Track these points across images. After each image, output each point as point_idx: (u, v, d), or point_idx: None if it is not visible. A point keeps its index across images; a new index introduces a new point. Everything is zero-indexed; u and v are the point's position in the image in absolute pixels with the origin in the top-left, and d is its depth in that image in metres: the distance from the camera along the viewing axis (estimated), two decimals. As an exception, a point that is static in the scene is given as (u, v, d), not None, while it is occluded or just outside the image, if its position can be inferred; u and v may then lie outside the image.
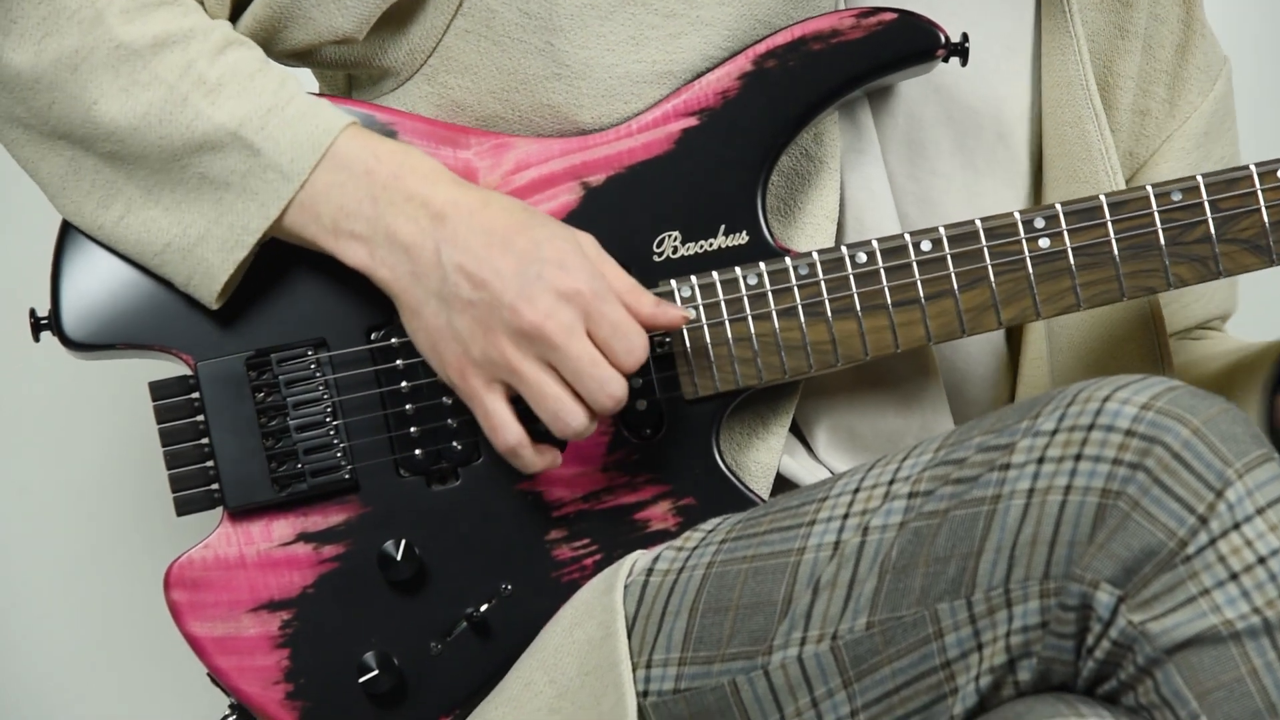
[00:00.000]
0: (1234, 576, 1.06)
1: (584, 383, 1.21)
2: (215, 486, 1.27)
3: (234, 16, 1.31)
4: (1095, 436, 1.10)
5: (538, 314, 1.20)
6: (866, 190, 1.36)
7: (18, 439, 1.79)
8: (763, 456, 1.32)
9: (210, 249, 1.25)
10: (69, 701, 1.80)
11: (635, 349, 1.22)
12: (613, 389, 1.21)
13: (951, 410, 1.38)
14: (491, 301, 1.20)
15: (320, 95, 1.30)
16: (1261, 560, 1.06)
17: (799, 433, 1.36)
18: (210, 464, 1.27)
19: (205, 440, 1.27)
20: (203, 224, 1.25)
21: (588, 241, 1.24)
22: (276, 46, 1.32)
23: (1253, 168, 1.32)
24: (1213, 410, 1.09)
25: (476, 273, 1.21)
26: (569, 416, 1.22)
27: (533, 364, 1.21)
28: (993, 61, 1.37)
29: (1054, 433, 1.11)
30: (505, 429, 1.23)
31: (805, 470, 1.34)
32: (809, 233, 1.34)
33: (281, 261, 1.28)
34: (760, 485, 1.32)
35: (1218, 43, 1.45)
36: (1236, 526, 1.06)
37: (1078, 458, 1.10)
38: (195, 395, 1.28)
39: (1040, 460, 1.11)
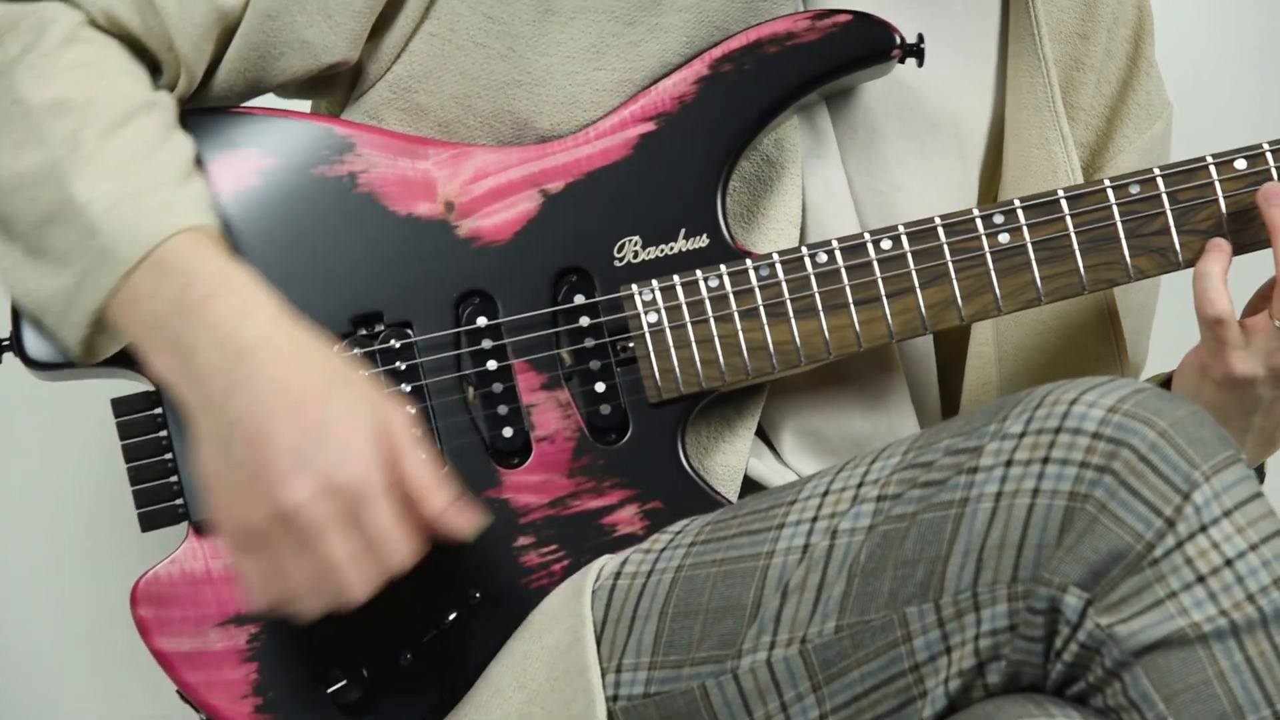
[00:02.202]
0: (1201, 579, 1.07)
1: (325, 582, 1.15)
2: (180, 501, 1.27)
3: (218, 56, 1.29)
4: (1062, 439, 1.10)
5: (296, 499, 1.13)
6: (827, 193, 1.36)
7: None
8: (729, 459, 1.32)
9: (66, 320, 1.22)
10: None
11: (393, 560, 1.15)
12: (352, 594, 1.15)
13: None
14: (259, 471, 1.14)
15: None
16: (1229, 563, 1.07)
17: (764, 436, 1.36)
18: (174, 479, 1.27)
19: (169, 455, 1.27)
20: (59, 296, 1.22)
21: (398, 422, 1.17)
22: (272, 81, 1.30)
23: (1209, 159, 1.32)
24: (1180, 413, 1.09)
25: (255, 434, 1.14)
26: (301, 605, 1.17)
27: (287, 544, 1.15)
28: (954, 75, 1.37)
29: (1021, 435, 1.11)
30: (255, 591, 1.18)
31: (773, 472, 1.35)
32: (771, 236, 1.34)
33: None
34: (727, 488, 1.32)
35: (1164, 87, 1.45)
36: (1204, 529, 1.07)
37: (1045, 461, 1.10)
38: (158, 411, 1.27)
39: (1008, 463, 1.11)
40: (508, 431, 1.29)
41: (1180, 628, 1.07)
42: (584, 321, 1.30)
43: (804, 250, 1.31)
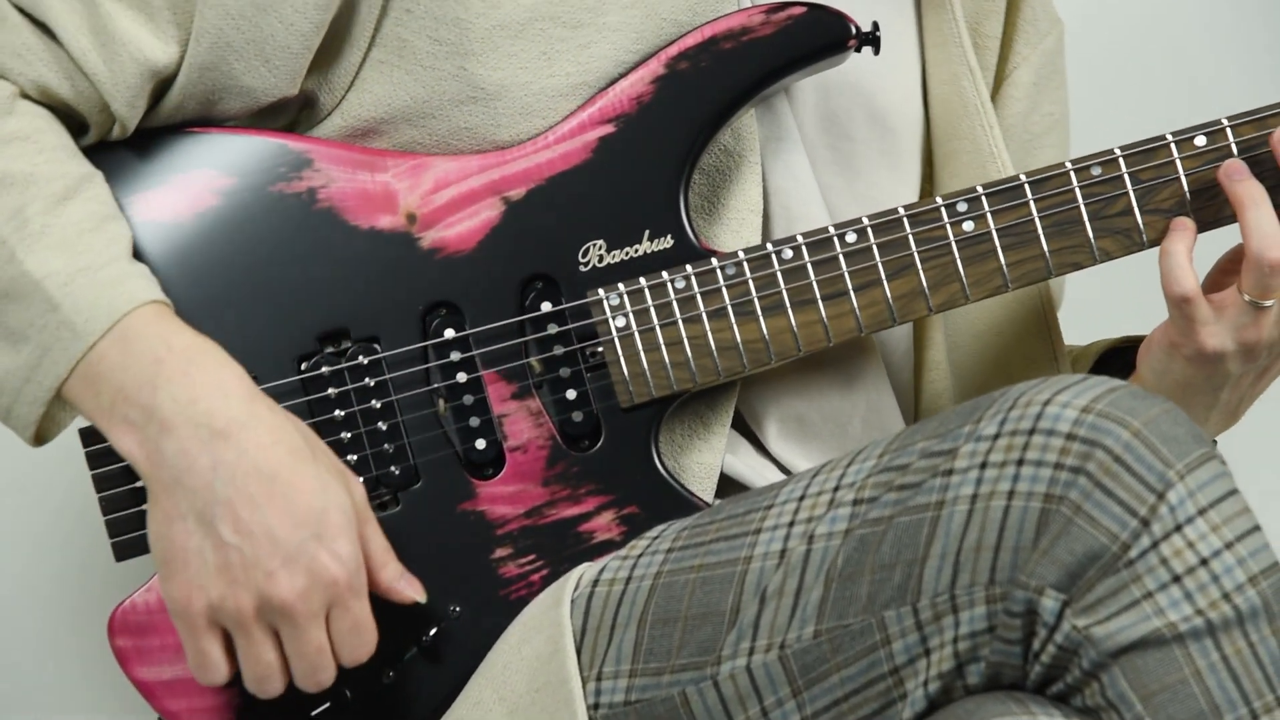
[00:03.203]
0: (1177, 579, 1.07)
1: (301, 664, 1.18)
2: (154, 529, 1.26)
3: (154, 103, 1.27)
4: (1036, 441, 1.10)
5: (293, 592, 1.16)
6: (790, 178, 1.36)
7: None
8: (705, 457, 1.32)
9: (21, 399, 1.21)
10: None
11: (363, 651, 1.19)
12: (322, 678, 1.18)
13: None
14: (252, 559, 1.15)
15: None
16: (1204, 562, 1.07)
17: (745, 427, 1.36)
18: (145, 505, 1.26)
19: (139, 482, 1.26)
20: (15, 373, 1.21)
21: (359, 494, 1.20)
22: (214, 120, 1.29)
23: (1169, 136, 1.32)
24: (1153, 411, 1.10)
25: (247, 521, 1.16)
26: (270, 685, 1.18)
27: (263, 630, 1.17)
28: (885, 39, 1.36)
29: (996, 437, 1.12)
30: (215, 670, 1.18)
31: (748, 468, 1.35)
32: (734, 228, 1.34)
33: (207, 296, 1.27)
34: (704, 486, 1.32)
35: (1051, 4, 1.46)
36: (1178, 528, 1.07)
37: (1020, 463, 1.10)
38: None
39: (983, 465, 1.12)
40: (480, 443, 1.29)
41: (1157, 628, 1.07)
42: (552, 329, 1.30)
43: (769, 247, 1.31)
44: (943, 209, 1.31)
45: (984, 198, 1.31)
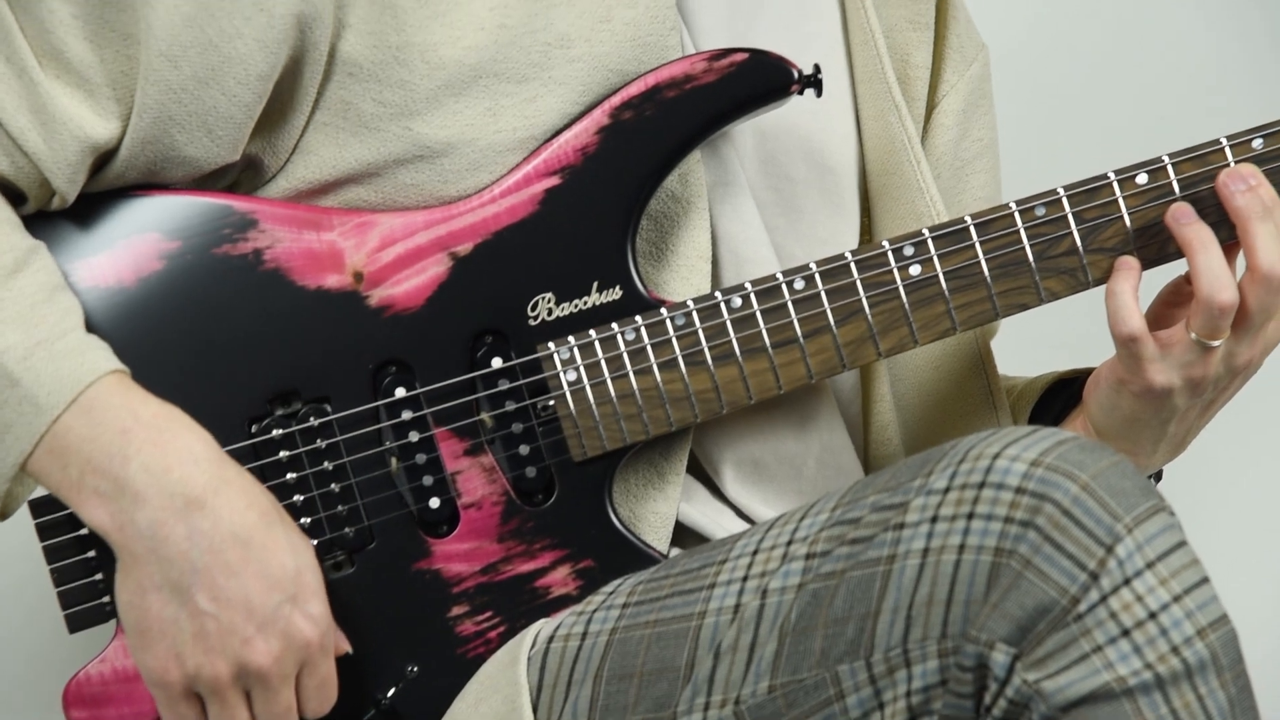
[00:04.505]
0: (1126, 633, 1.08)
1: None
2: (106, 599, 1.26)
3: (95, 173, 1.27)
4: (986, 494, 1.11)
5: (269, 657, 1.18)
6: (739, 221, 1.36)
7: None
8: (660, 506, 1.33)
9: None
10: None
11: (326, 706, 1.22)
12: None
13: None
14: (229, 626, 1.17)
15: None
16: (1152, 615, 1.08)
17: (700, 471, 1.37)
18: (98, 576, 1.26)
19: (91, 553, 1.26)
20: None
21: (312, 551, 1.22)
22: (158, 185, 1.28)
23: (1112, 175, 1.33)
24: (1102, 464, 1.10)
25: (224, 588, 1.17)
26: None
27: (238, 694, 1.19)
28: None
29: (946, 491, 1.12)
30: None
31: (703, 516, 1.35)
32: (684, 274, 1.34)
33: (155, 361, 1.26)
34: (659, 536, 1.32)
35: (975, 29, 1.47)
36: (1127, 582, 1.08)
37: (970, 516, 1.11)
38: (78, 509, 1.26)
39: (933, 519, 1.12)
40: (434, 501, 1.29)
41: (1106, 682, 1.08)
42: (503, 384, 1.30)
43: (718, 296, 1.31)
44: (889, 253, 1.32)
45: (930, 241, 1.32)
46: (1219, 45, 2.01)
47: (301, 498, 1.28)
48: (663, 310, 1.31)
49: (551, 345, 1.30)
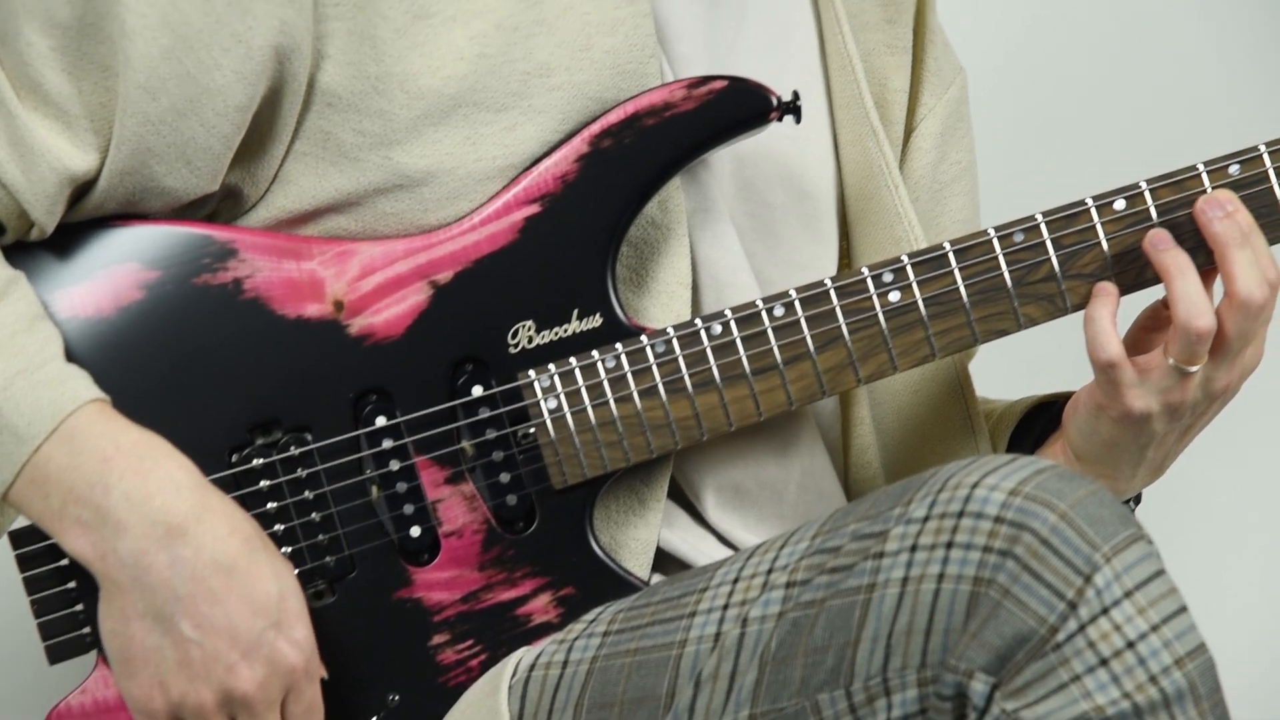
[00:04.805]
0: (1104, 662, 1.08)
1: None
2: (86, 630, 1.26)
3: (73, 204, 1.27)
4: (965, 524, 1.11)
5: (253, 684, 1.18)
6: (719, 248, 1.36)
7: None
8: (641, 533, 1.33)
9: None
10: None
11: None
12: None
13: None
14: (213, 653, 1.18)
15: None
16: (1130, 645, 1.08)
17: (682, 498, 1.37)
18: (79, 607, 1.26)
19: (71, 584, 1.26)
20: None
21: (294, 576, 1.22)
22: (140, 214, 1.28)
23: (1089, 201, 1.33)
24: (1080, 493, 1.11)
25: (208, 616, 1.18)
26: None
27: (222, 719, 1.20)
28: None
29: (925, 520, 1.12)
30: None
31: (684, 542, 1.35)
32: (664, 301, 1.34)
33: (135, 391, 1.26)
34: (640, 562, 1.32)
35: (953, 53, 1.48)
36: (1105, 611, 1.08)
37: (949, 545, 1.11)
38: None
39: (913, 548, 1.12)
40: (415, 530, 1.29)
41: (1084, 711, 1.08)
42: (484, 412, 1.30)
43: (699, 323, 1.31)
44: (869, 280, 1.32)
45: (909, 267, 1.32)
46: (1196, 71, 2.02)
47: (282, 527, 1.28)
48: (643, 338, 1.31)
49: (532, 373, 1.30)
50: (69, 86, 1.23)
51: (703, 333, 1.31)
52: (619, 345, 1.30)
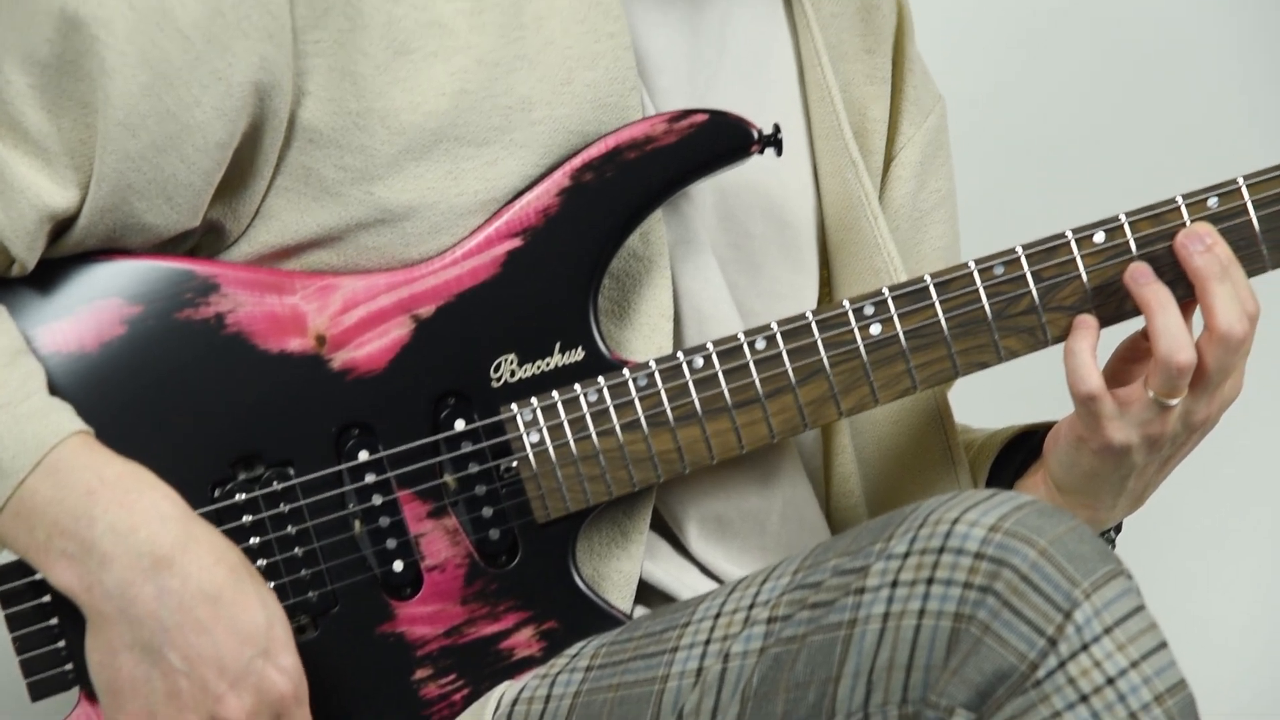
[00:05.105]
0: (1084, 699, 1.08)
1: None
2: (69, 667, 1.26)
3: (54, 240, 1.27)
4: (946, 560, 1.11)
5: (242, 713, 1.18)
6: (701, 279, 1.37)
7: None
8: (624, 565, 1.33)
9: None
10: None
11: None
12: None
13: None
14: (200, 684, 1.18)
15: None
16: (1110, 681, 1.08)
17: (665, 529, 1.37)
18: (61, 644, 1.26)
19: (54, 620, 1.26)
20: None
21: (280, 605, 1.22)
22: (117, 250, 1.29)
23: (1069, 234, 1.34)
24: (1060, 529, 1.11)
25: (195, 646, 1.18)
26: None
27: None
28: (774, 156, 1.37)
29: (906, 555, 1.13)
30: None
31: (667, 575, 1.35)
32: (646, 333, 1.35)
33: (117, 425, 1.26)
34: (623, 595, 1.32)
35: (932, 81, 1.48)
36: (1085, 648, 1.09)
37: (930, 581, 1.12)
38: (39, 576, 1.26)
39: (894, 584, 1.13)
40: (398, 564, 1.29)
41: None
42: (466, 446, 1.30)
43: (681, 356, 1.32)
44: (850, 313, 1.33)
45: (890, 300, 1.33)
46: (1176, 101, 2.02)
47: (265, 562, 1.28)
48: (625, 371, 1.31)
49: (514, 407, 1.30)
50: (49, 124, 1.23)
51: (685, 366, 1.32)
52: (601, 378, 1.31)
